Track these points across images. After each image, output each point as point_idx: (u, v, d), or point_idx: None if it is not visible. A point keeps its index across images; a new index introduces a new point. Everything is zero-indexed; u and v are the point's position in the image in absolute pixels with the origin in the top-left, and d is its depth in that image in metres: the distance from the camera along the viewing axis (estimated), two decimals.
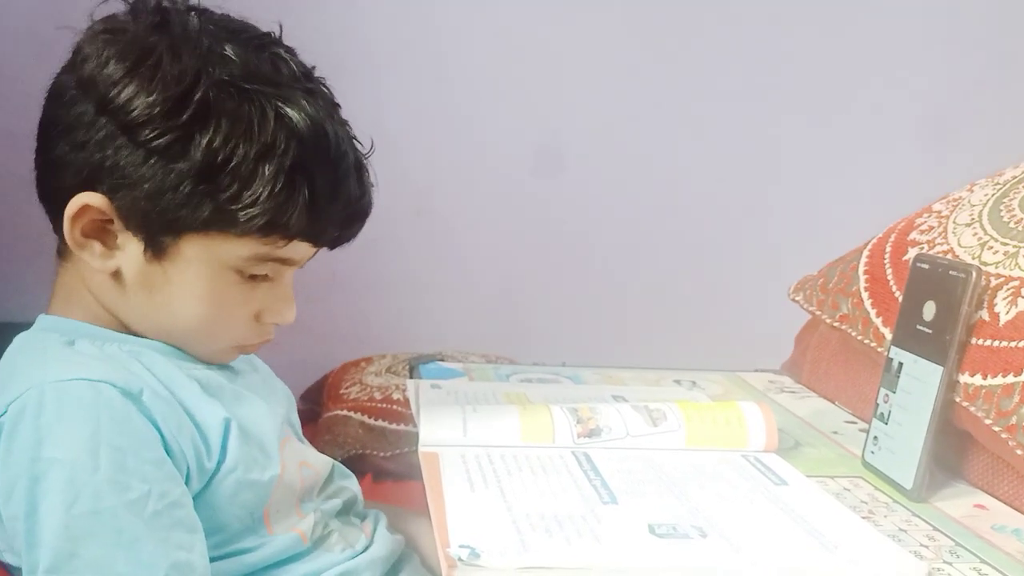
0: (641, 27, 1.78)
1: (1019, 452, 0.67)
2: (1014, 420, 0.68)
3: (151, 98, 0.60)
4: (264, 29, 0.68)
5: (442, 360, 1.10)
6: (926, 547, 0.63)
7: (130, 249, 0.64)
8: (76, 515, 0.55)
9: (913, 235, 0.88)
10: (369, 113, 1.74)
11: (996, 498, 0.73)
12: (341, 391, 1.54)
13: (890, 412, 0.75)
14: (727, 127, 1.83)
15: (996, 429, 0.69)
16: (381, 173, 1.90)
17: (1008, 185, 0.85)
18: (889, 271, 0.87)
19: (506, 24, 1.75)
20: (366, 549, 0.73)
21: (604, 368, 1.07)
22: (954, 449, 0.77)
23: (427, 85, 1.73)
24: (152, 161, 0.61)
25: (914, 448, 0.71)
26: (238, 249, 0.64)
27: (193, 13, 0.64)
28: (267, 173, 0.62)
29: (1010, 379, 0.69)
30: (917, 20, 1.84)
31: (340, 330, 1.76)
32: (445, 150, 1.77)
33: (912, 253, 0.85)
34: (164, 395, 0.61)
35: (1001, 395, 0.69)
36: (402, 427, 1.40)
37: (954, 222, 0.85)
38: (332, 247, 0.72)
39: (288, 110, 0.63)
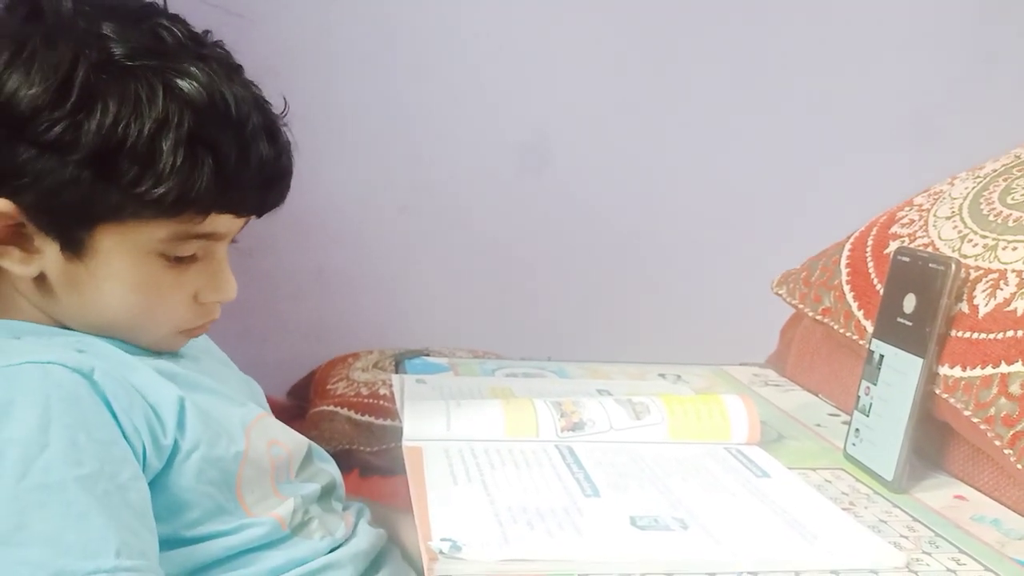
0: (626, 24, 1.78)
1: (998, 443, 0.68)
2: (992, 411, 0.68)
3: (32, 91, 0.59)
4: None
5: (428, 355, 1.10)
6: (906, 538, 0.64)
7: (48, 251, 0.63)
8: (25, 488, 0.54)
9: (894, 228, 0.89)
10: (353, 110, 1.76)
11: (976, 489, 0.74)
12: (328, 387, 1.54)
13: (871, 404, 0.76)
14: (712, 123, 1.83)
15: (975, 420, 0.70)
16: (368, 169, 1.91)
17: (988, 178, 0.86)
18: (871, 264, 0.88)
19: (490, 20, 1.74)
20: (347, 540, 0.73)
21: (589, 363, 1.07)
22: (934, 441, 0.78)
23: (411, 82, 1.73)
24: (47, 156, 0.60)
25: (895, 440, 0.72)
26: (155, 232, 0.63)
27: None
28: (165, 148, 0.60)
29: (989, 371, 0.69)
30: (900, 18, 1.85)
31: (327, 327, 1.76)
32: (429, 147, 1.77)
33: (893, 246, 0.86)
34: (115, 375, 0.61)
35: (980, 387, 0.70)
36: (389, 423, 1.39)
37: (935, 215, 0.86)
38: (259, 214, 0.70)
39: (177, 81, 0.61)
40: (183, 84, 0.62)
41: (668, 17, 1.79)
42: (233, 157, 0.64)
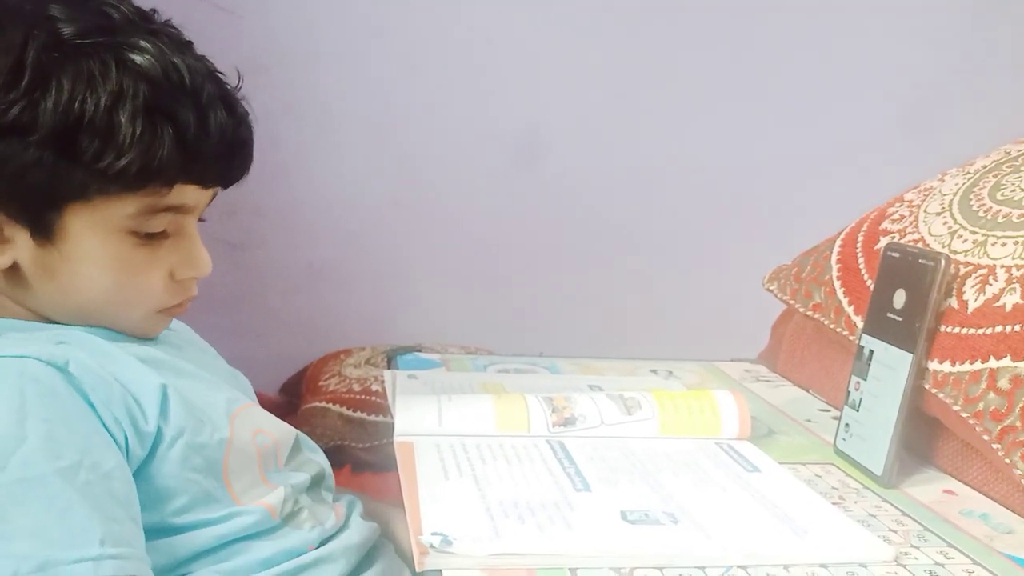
0: (621, 20, 1.78)
1: (986, 438, 0.68)
2: (981, 406, 0.69)
3: None
4: None
5: (420, 351, 1.10)
6: (895, 532, 0.64)
7: (19, 239, 0.63)
8: (4, 483, 0.54)
9: (885, 224, 0.89)
10: (346, 103, 1.76)
11: (965, 483, 0.75)
12: (320, 383, 1.54)
13: (861, 399, 0.76)
14: (705, 119, 1.83)
15: (964, 415, 0.70)
16: (358, 164, 1.91)
17: (978, 174, 0.86)
18: (861, 260, 0.88)
19: (484, 13, 1.74)
20: (338, 532, 0.73)
21: (581, 358, 1.07)
22: (924, 435, 0.78)
23: (404, 75, 1.73)
24: (7, 140, 0.60)
25: (884, 435, 0.72)
26: (123, 208, 0.64)
27: None
28: (123, 120, 0.61)
29: (978, 366, 0.70)
30: (893, 14, 1.85)
31: (319, 323, 1.76)
32: (423, 141, 1.77)
33: (883, 242, 0.86)
34: (92, 367, 0.61)
35: (969, 382, 0.70)
36: (381, 418, 1.40)
37: (925, 211, 0.86)
38: (224, 185, 0.70)
39: (129, 55, 0.62)
40: (135, 57, 0.62)
41: (661, 12, 1.79)
42: (192, 126, 0.64)
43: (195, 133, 0.64)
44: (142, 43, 0.63)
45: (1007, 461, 0.67)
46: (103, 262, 0.65)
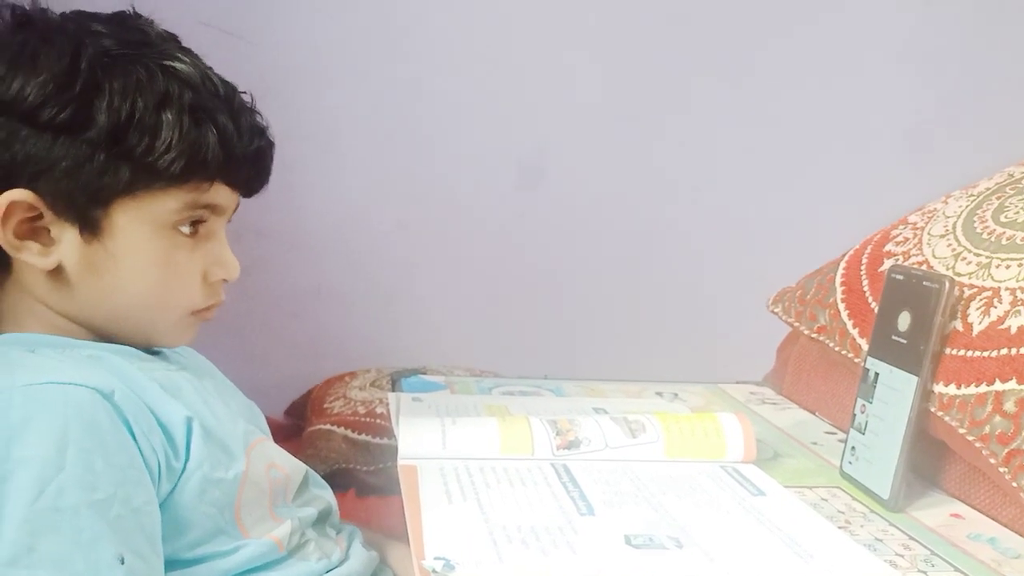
0: (626, 45, 1.80)
1: (992, 461, 0.68)
2: (987, 429, 0.68)
3: (40, 78, 0.63)
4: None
5: (424, 374, 1.10)
6: (901, 556, 0.63)
7: (67, 238, 0.65)
8: (38, 510, 0.55)
9: (889, 246, 0.89)
10: (350, 126, 1.77)
11: (972, 507, 0.74)
12: (325, 405, 1.53)
13: (867, 422, 0.75)
14: (708, 141, 1.84)
15: (970, 438, 0.70)
16: (364, 186, 1.92)
17: (981, 197, 0.86)
18: (865, 282, 0.88)
19: (488, 36, 1.75)
20: (342, 563, 0.73)
21: (586, 381, 1.07)
22: (930, 459, 0.78)
23: (409, 97, 1.74)
24: (61, 139, 0.63)
25: (890, 458, 0.72)
26: (168, 203, 0.67)
27: (49, 11, 0.68)
28: (171, 118, 0.65)
29: (983, 388, 0.69)
30: (893, 35, 1.86)
31: (325, 345, 1.76)
32: (427, 163, 1.78)
33: (887, 264, 0.86)
34: (133, 396, 0.62)
35: (975, 404, 0.70)
36: (386, 441, 1.39)
37: (929, 233, 0.86)
38: (248, 193, 0.74)
39: (172, 63, 0.67)
40: (177, 65, 0.67)
41: (666, 37, 1.80)
42: (229, 126, 0.68)
43: (232, 133, 0.69)
44: (179, 55, 0.68)
45: (1014, 484, 0.66)
46: (148, 257, 0.67)
